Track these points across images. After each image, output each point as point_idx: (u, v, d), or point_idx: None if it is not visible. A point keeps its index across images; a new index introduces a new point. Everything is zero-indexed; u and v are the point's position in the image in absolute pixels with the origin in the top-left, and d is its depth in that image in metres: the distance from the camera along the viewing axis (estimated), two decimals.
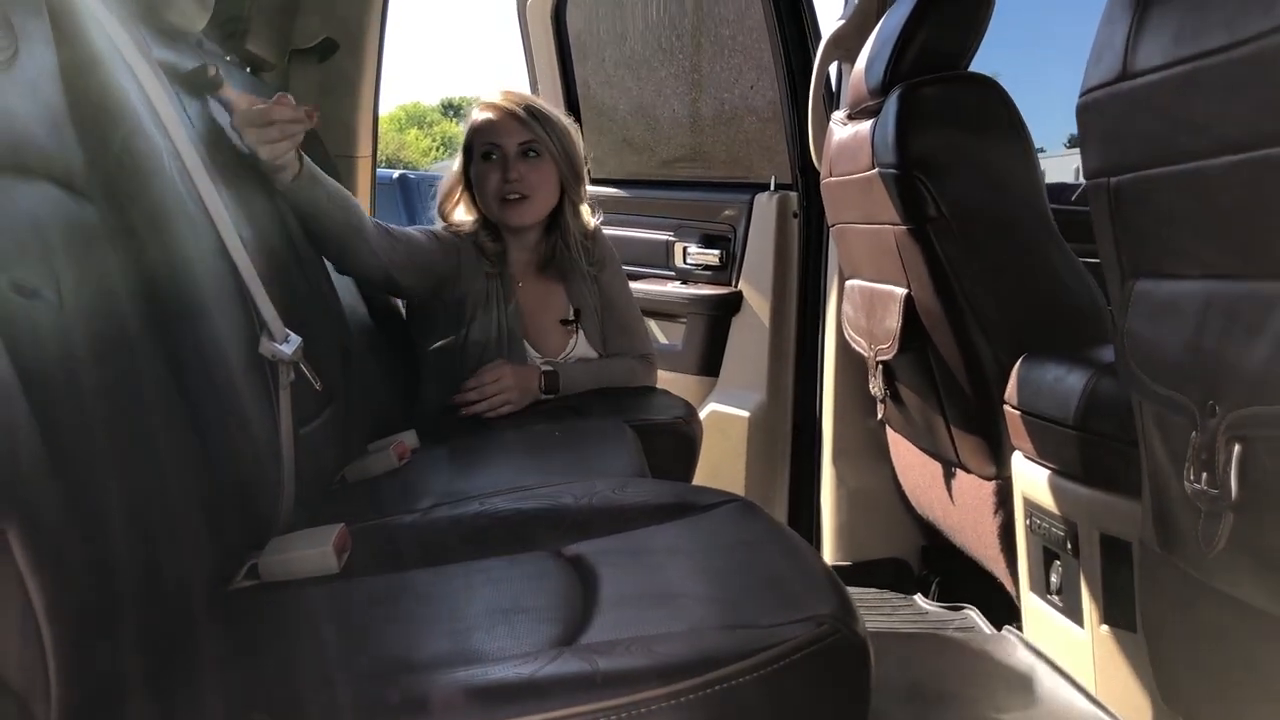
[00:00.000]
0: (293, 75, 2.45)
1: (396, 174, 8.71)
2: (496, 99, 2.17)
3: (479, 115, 2.17)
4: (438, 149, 30.95)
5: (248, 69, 2.18)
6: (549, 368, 2.12)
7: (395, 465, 1.72)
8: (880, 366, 2.28)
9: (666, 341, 3.00)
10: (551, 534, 1.27)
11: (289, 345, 1.37)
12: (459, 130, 2.30)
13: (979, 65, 2.10)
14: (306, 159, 1.75)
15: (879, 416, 2.40)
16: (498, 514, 1.34)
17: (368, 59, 2.52)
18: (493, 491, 1.46)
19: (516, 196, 2.12)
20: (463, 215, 2.21)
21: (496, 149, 2.13)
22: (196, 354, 1.23)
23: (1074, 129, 1.37)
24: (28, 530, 0.78)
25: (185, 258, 1.26)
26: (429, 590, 1.14)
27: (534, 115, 2.15)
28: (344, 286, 2.11)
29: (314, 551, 1.18)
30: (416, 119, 35.90)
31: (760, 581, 1.07)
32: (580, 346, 2.20)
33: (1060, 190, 2.74)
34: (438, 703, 0.82)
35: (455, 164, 2.22)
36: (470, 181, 2.18)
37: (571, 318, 2.20)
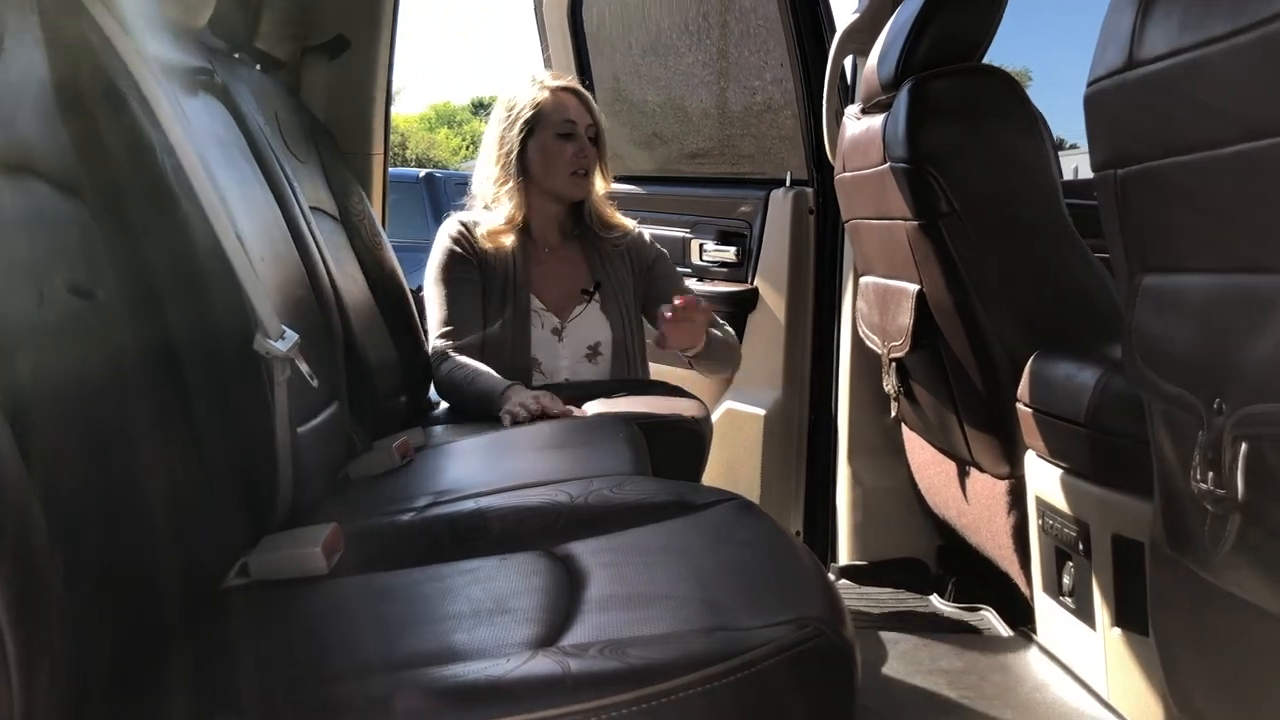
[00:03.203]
0: (304, 73, 2.45)
1: (423, 173, 8.72)
2: (566, 82, 2.33)
3: (552, 95, 2.29)
4: (467, 148, 31.07)
5: (258, 66, 2.18)
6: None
7: (397, 463, 1.71)
8: (894, 364, 2.25)
9: None
10: (545, 533, 1.25)
11: (284, 342, 1.36)
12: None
13: (1009, 63, 2.06)
14: None
15: (893, 414, 2.37)
16: (493, 513, 1.33)
17: (379, 57, 2.51)
18: (489, 490, 1.44)
19: (585, 172, 2.28)
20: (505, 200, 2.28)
21: (573, 126, 2.28)
22: (189, 351, 1.22)
23: None
24: None
25: (178, 254, 1.26)
26: (416, 590, 1.12)
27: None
28: (353, 284, 2.10)
29: (303, 551, 1.17)
30: (446, 118, 36.05)
31: (747, 582, 1.04)
32: (589, 314, 2.27)
33: (1087, 186, 2.68)
34: (404, 703, 0.81)
35: (493, 137, 2.30)
36: (524, 153, 2.27)
37: (591, 289, 2.28)
